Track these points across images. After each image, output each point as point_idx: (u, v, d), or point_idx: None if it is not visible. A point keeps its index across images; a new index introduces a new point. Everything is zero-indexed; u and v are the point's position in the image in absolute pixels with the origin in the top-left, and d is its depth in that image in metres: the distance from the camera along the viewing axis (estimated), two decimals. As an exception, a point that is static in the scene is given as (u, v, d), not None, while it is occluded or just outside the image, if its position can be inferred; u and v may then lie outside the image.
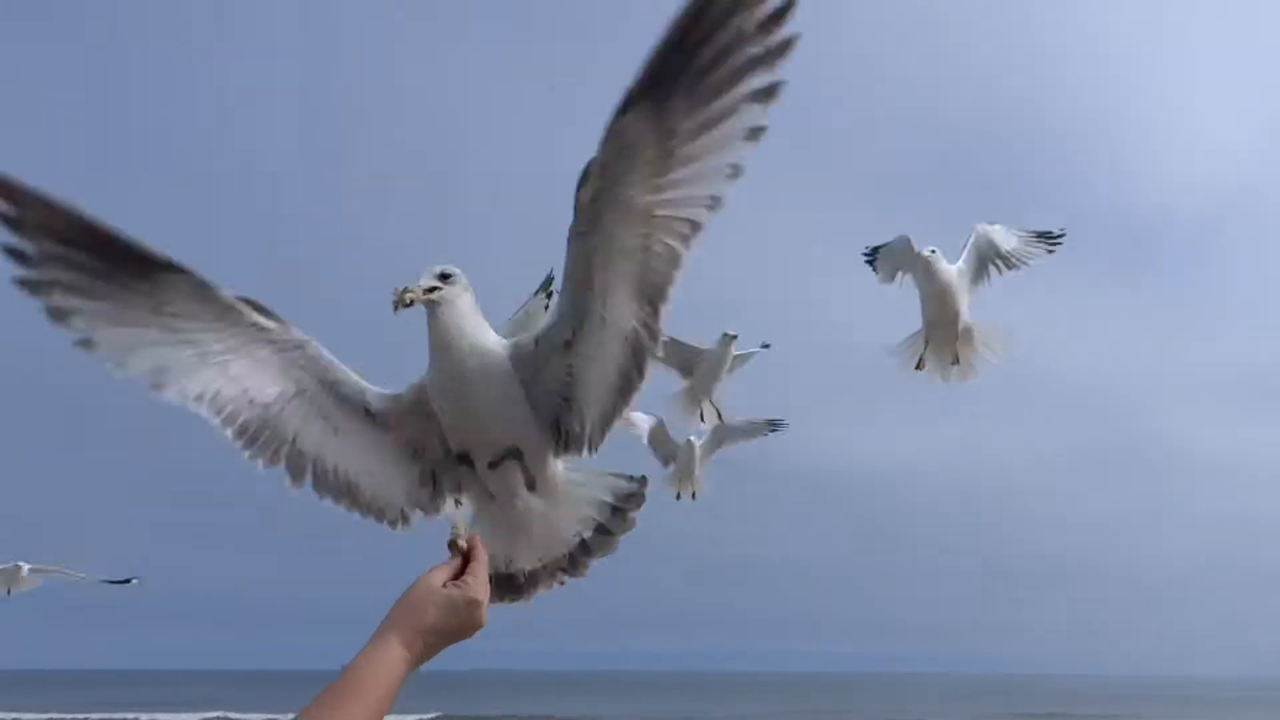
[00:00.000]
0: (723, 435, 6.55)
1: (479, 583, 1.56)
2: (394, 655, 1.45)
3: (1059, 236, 4.87)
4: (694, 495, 6.48)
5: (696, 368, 5.71)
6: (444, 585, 1.55)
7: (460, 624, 1.53)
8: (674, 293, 1.81)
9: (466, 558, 1.60)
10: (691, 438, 6.45)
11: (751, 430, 6.68)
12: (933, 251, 4.57)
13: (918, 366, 4.71)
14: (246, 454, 1.92)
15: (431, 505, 1.99)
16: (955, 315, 4.61)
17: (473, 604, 1.53)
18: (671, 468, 6.53)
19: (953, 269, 4.59)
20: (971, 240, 4.80)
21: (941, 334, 4.64)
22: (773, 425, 6.61)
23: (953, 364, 4.72)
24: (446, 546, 1.61)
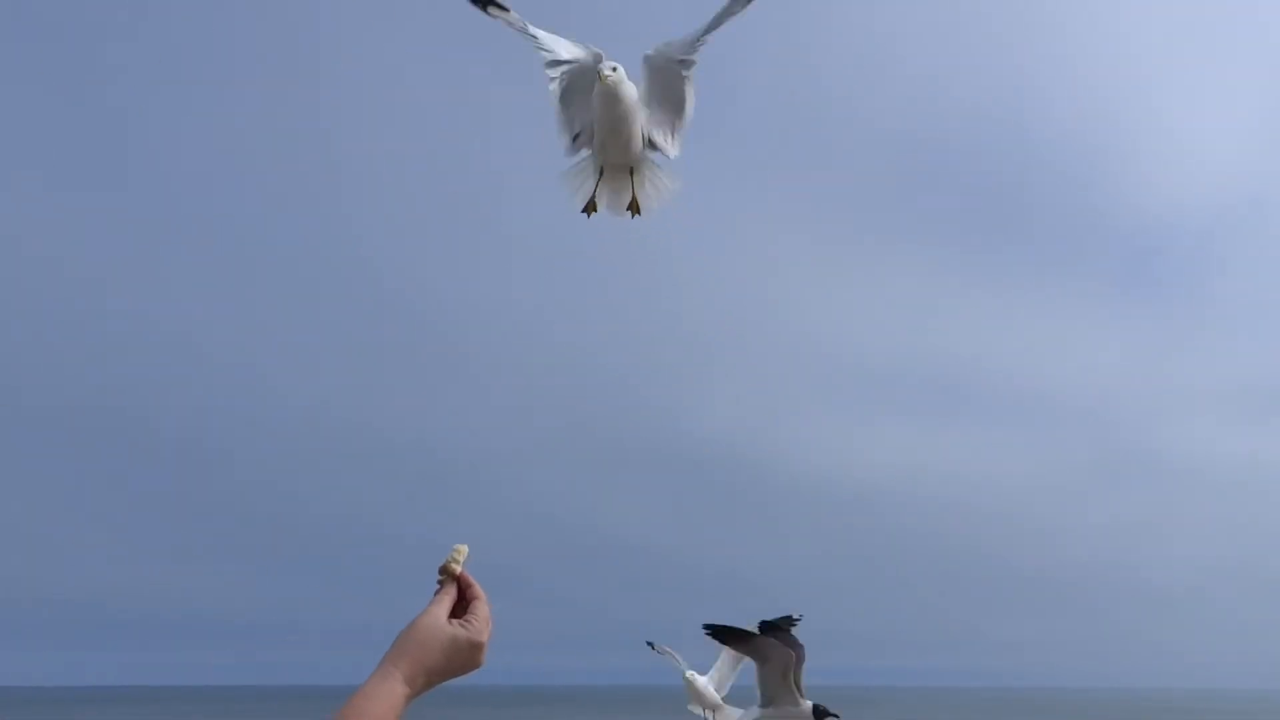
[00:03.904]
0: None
1: (482, 624, 1.57)
2: (397, 692, 1.48)
3: None
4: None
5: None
6: (449, 622, 1.56)
7: (462, 664, 1.56)
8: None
9: (460, 589, 1.61)
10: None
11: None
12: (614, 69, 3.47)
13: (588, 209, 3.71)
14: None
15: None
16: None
17: (476, 646, 1.56)
18: None
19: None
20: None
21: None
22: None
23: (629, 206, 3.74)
24: (439, 570, 1.61)
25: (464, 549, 1.62)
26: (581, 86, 3.53)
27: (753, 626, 7.92)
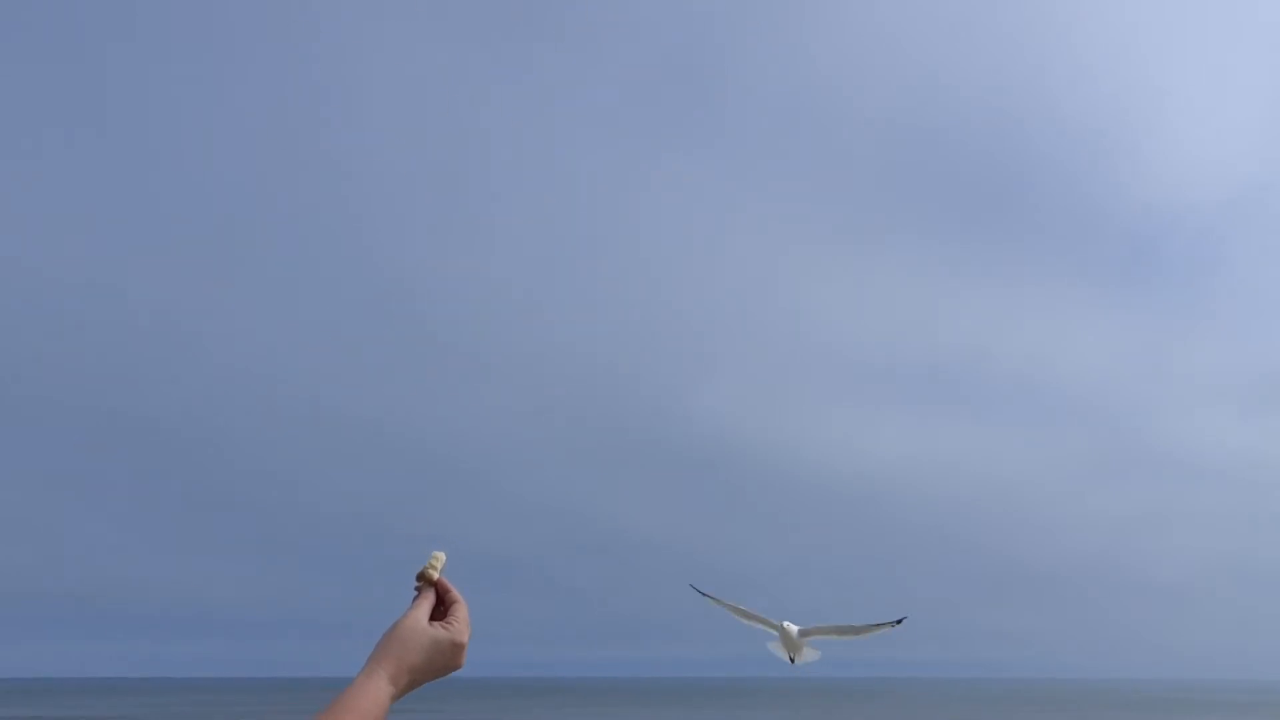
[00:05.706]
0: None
1: (463, 626, 1.61)
2: (382, 690, 1.51)
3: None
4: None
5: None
6: (431, 624, 1.59)
7: (444, 664, 1.59)
8: None
9: (439, 593, 1.64)
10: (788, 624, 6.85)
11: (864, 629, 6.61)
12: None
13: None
14: None
15: None
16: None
17: (458, 647, 1.60)
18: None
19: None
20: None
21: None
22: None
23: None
24: (416, 577, 1.64)
25: (441, 556, 1.67)
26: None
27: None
